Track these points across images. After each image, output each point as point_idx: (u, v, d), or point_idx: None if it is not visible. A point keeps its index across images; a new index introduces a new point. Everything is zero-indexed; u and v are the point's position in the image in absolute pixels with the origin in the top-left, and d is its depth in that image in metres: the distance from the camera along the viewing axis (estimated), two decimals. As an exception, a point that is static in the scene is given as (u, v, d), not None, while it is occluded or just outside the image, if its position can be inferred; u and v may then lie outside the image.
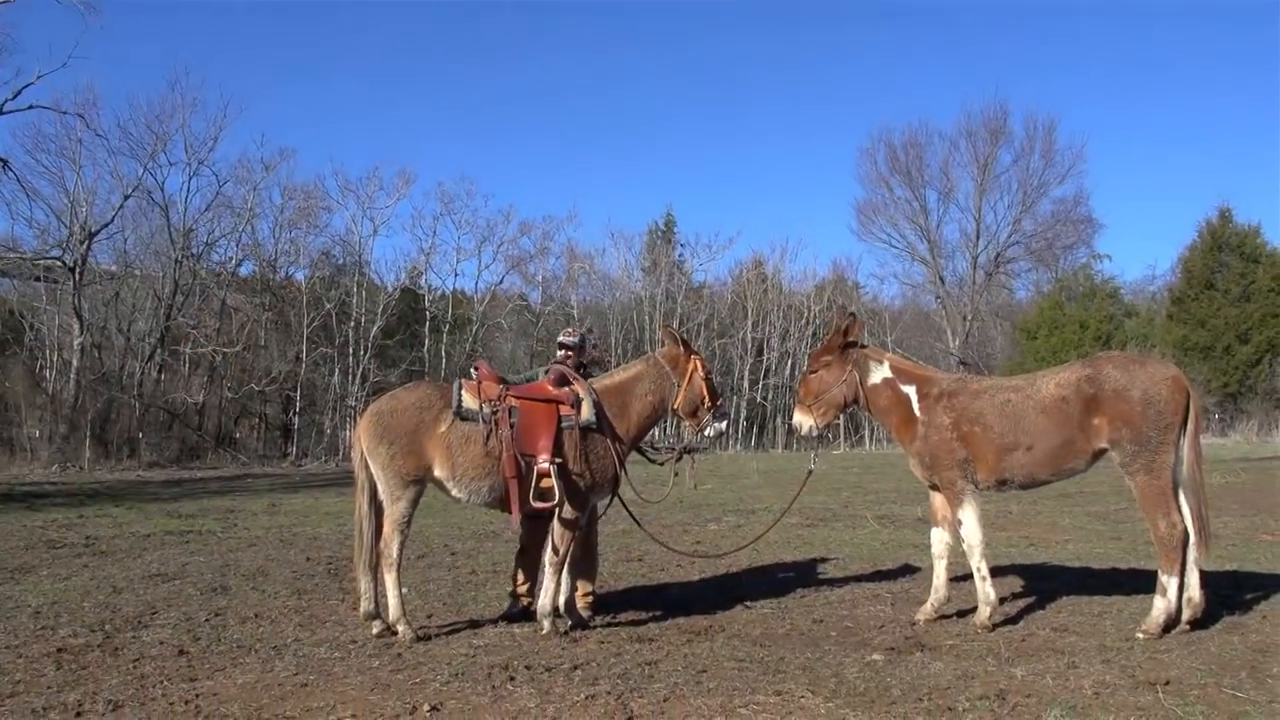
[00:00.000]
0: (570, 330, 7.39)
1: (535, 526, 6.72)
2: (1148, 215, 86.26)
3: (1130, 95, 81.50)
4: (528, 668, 5.41)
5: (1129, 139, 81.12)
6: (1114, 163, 78.51)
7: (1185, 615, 6.07)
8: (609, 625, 6.62)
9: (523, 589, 6.98)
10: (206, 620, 6.79)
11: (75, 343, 29.94)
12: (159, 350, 32.50)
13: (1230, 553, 9.22)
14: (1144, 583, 6.84)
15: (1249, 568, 8.40)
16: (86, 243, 30.66)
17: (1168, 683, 4.96)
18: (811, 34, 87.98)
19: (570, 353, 7.07)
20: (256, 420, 37.74)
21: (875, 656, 5.61)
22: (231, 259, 36.78)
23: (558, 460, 6.23)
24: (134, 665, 5.54)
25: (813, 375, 6.93)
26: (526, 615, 6.81)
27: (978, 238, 48.81)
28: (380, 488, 6.24)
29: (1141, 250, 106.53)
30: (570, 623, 6.44)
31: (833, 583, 8.14)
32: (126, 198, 32.19)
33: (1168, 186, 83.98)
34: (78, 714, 4.66)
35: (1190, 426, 6.14)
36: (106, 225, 31.92)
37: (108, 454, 27.92)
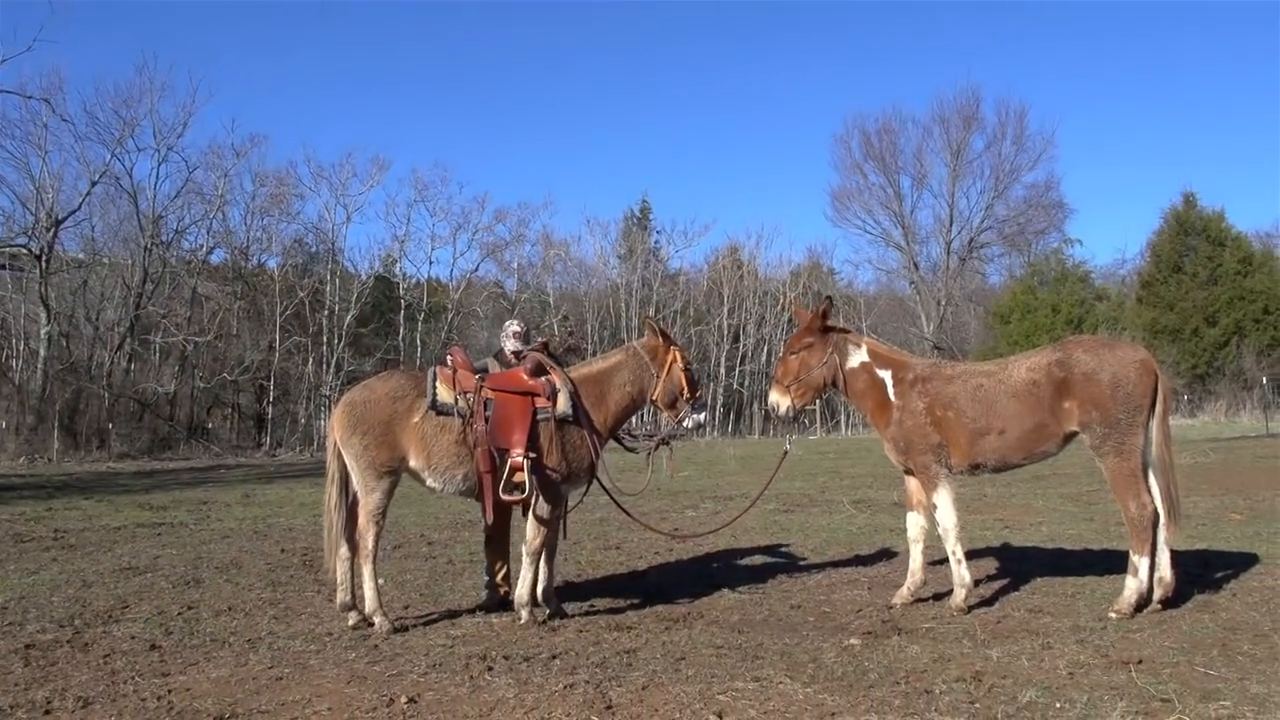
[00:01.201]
0: (516, 330, 7.28)
1: (499, 514, 6.67)
2: (1117, 200, 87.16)
3: (1098, 83, 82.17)
4: (506, 658, 5.39)
5: (1097, 125, 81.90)
6: (1083, 149, 79.24)
7: (1157, 595, 6.13)
8: (587, 614, 6.60)
9: (502, 577, 6.96)
10: (179, 614, 6.71)
11: (42, 332, 29.55)
12: (128, 339, 32.12)
13: (1200, 532, 9.33)
14: (1116, 563, 6.90)
15: (1219, 547, 8.50)
16: (53, 230, 30.23)
17: (1140, 662, 5.01)
18: (786, 21, 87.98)
19: (517, 354, 6.99)
20: (229, 410, 37.45)
21: (853, 641, 5.63)
22: (202, 246, 36.47)
23: (532, 454, 6.19)
24: (104, 661, 5.47)
25: (793, 356, 6.92)
26: (504, 605, 6.80)
27: (951, 223, 49.09)
28: (355, 479, 6.18)
29: (1111, 235, 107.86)
30: (548, 612, 6.42)
31: (810, 568, 8.16)
32: (94, 184, 31.79)
33: (1135, 172, 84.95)
34: (46, 711, 4.59)
35: (1159, 409, 6.20)
36: (74, 212, 31.53)
37: (77, 445, 27.62)
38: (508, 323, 7.40)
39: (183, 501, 14.82)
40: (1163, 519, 6.12)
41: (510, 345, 7.07)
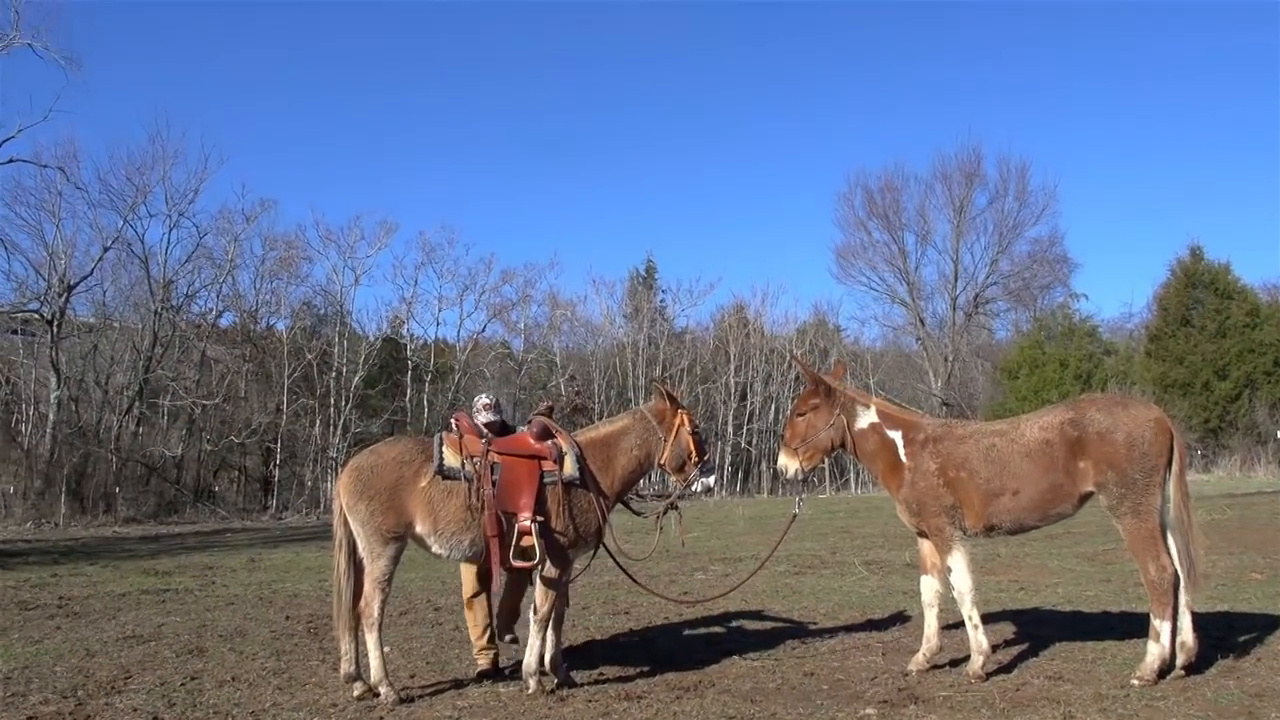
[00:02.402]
0: (487, 402, 7.15)
1: (487, 578, 6.58)
2: (1121, 254, 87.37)
3: (1100, 136, 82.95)
4: (513, 729, 5.27)
5: (1100, 179, 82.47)
6: (1086, 203, 79.70)
7: (1180, 660, 6.00)
8: (596, 682, 6.48)
9: (483, 645, 6.89)
10: (182, 684, 6.60)
11: (52, 396, 29.61)
12: (137, 403, 32.18)
13: (1221, 593, 9.16)
14: (1136, 626, 6.77)
15: (1241, 608, 8.35)
16: (65, 295, 30.47)
17: (1166, 732, 4.88)
18: (788, 79, 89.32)
19: (491, 426, 6.91)
20: (236, 473, 37.34)
21: (869, 710, 5.51)
22: (212, 310, 36.66)
23: (539, 518, 6.13)
24: (106, 735, 5.37)
25: (800, 418, 6.88)
26: (499, 671, 6.73)
27: (956, 279, 49.22)
28: (360, 545, 6.11)
29: (1117, 288, 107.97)
30: (556, 680, 6.30)
31: (823, 633, 8.02)
32: (106, 250, 32.11)
33: (1139, 225, 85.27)
34: (45, 790, 4.49)
35: (1175, 467, 6.12)
36: (85, 278, 31.80)
37: (83, 509, 27.50)
38: (477, 397, 7.33)
39: (188, 567, 14.69)
40: (1182, 580, 6.01)
41: (483, 418, 6.98)
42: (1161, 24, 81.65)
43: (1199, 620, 6.23)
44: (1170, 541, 6.09)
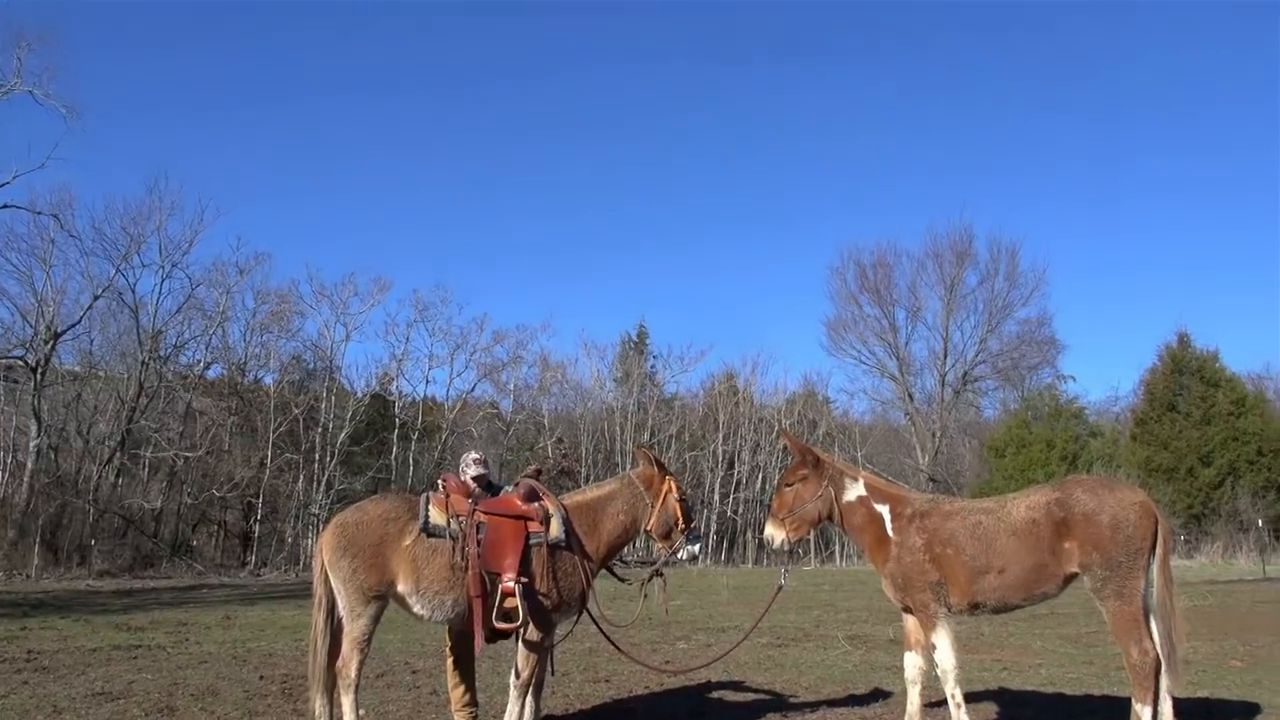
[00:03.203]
0: (476, 458, 7.29)
1: (468, 640, 6.52)
2: (1109, 338, 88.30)
3: (1090, 221, 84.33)
4: (488, 797, 5.18)
5: (1090, 264, 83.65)
6: (1076, 286, 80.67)
7: (1161, 745, 5.95)
8: (573, 751, 6.38)
9: (463, 703, 6.82)
10: (151, 743, 6.48)
11: (31, 444, 29.36)
12: (118, 454, 31.92)
13: (1201, 679, 9.11)
14: (1118, 710, 6.72)
15: (1221, 694, 8.30)
16: (51, 343, 30.41)
17: (1148, 819, 4.83)
18: (783, 154, 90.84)
19: (480, 482, 6.97)
20: (215, 527, 36.95)
21: (848, 788, 5.44)
22: (200, 361, 36.64)
23: (523, 579, 6.10)
24: (71, 792, 5.25)
25: (788, 489, 6.89)
26: None
27: (945, 356, 49.61)
28: (340, 603, 6.05)
29: (1104, 372, 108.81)
30: (534, 748, 6.20)
31: (804, 706, 7.93)
32: (96, 298, 32.16)
33: (1127, 311, 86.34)
34: (7, 846, 4.38)
35: (1160, 551, 6.13)
36: (74, 326, 31.81)
37: (57, 561, 27.11)
38: (467, 454, 7.37)
39: (162, 623, 14.46)
40: (1164, 665, 5.99)
41: (472, 471, 7.01)
42: (1155, 113, 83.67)
43: (1179, 705, 6.19)
44: (1153, 625, 6.08)
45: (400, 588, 6.07)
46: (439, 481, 6.67)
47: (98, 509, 29.66)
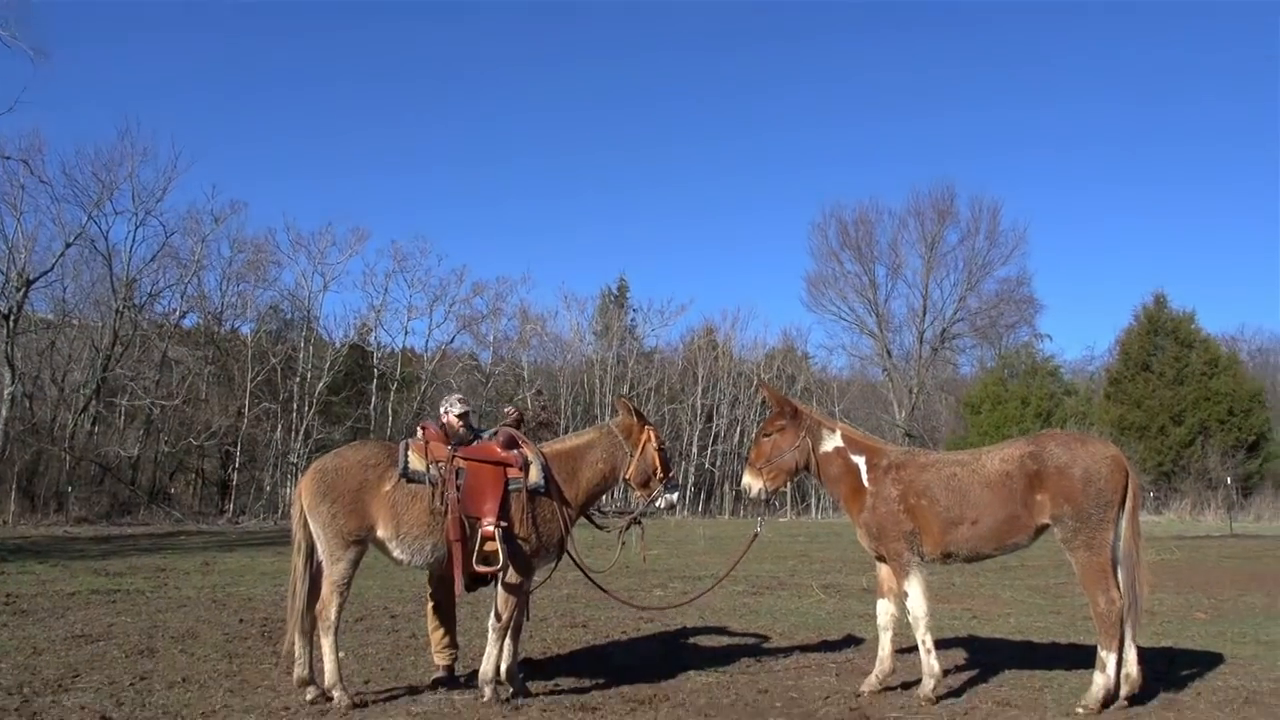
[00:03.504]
0: (461, 397, 7.31)
1: (449, 585, 6.59)
2: (1086, 298, 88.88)
3: (1070, 183, 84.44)
4: (466, 737, 5.27)
5: (1069, 225, 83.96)
6: (1055, 247, 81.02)
7: (1123, 691, 6.11)
8: (551, 693, 6.49)
9: (442, 644, 6.90)
10: (131, 684, 6.53)
11: (5, 392, 29.05)
12: (94, 402, 31.68)
13: (1166, 630, 9.34)
14: (1083, 657, 6.89)
15: (1184, 645, 8.50)
16: (24, 290, 29.97)
17: (1108, 759, 4.98)
18: (767, 108, 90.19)
19: (464, 421, 7.01)
20: (193, 475, 36.85)
21: (820, 729, 5.57)
22: (175, 311, 36.23)
23: (503, 524, 6.16)
24: (52, 730, 5.31)
25: (766, 439, 6.96)
26: (454, 679, 6.75)
27: (924, 313, 49.83)
28: (320, 548, 6.10)
29: (1080, 331, 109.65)
30: (512, 690, 6.30)
31: (778, 652, 8.08)
32: (68, 245, 31.63)
33: (1105, 271, 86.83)
34: (-10, 781, 4.43)
35: (1129, 505, 6.26)
36: (46, 273, 31.30)
37: (34, 508, 27.00)
38: (450, 395, 7.40)
39: (140, 568, 14.49)
40: (1127, 615, 6.14)
41: (456, 410, 7.04)
42: (1140, 80, 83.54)
43: (1144, 654, 6.35)
44: (1120, 576, 6.22)
45: (380, 533, 6.12)
46: (418, 429, 6.69)
47: (74, 457, 29.52)
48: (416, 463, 6.21)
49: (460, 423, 6.97)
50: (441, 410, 7.15)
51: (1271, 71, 74.37)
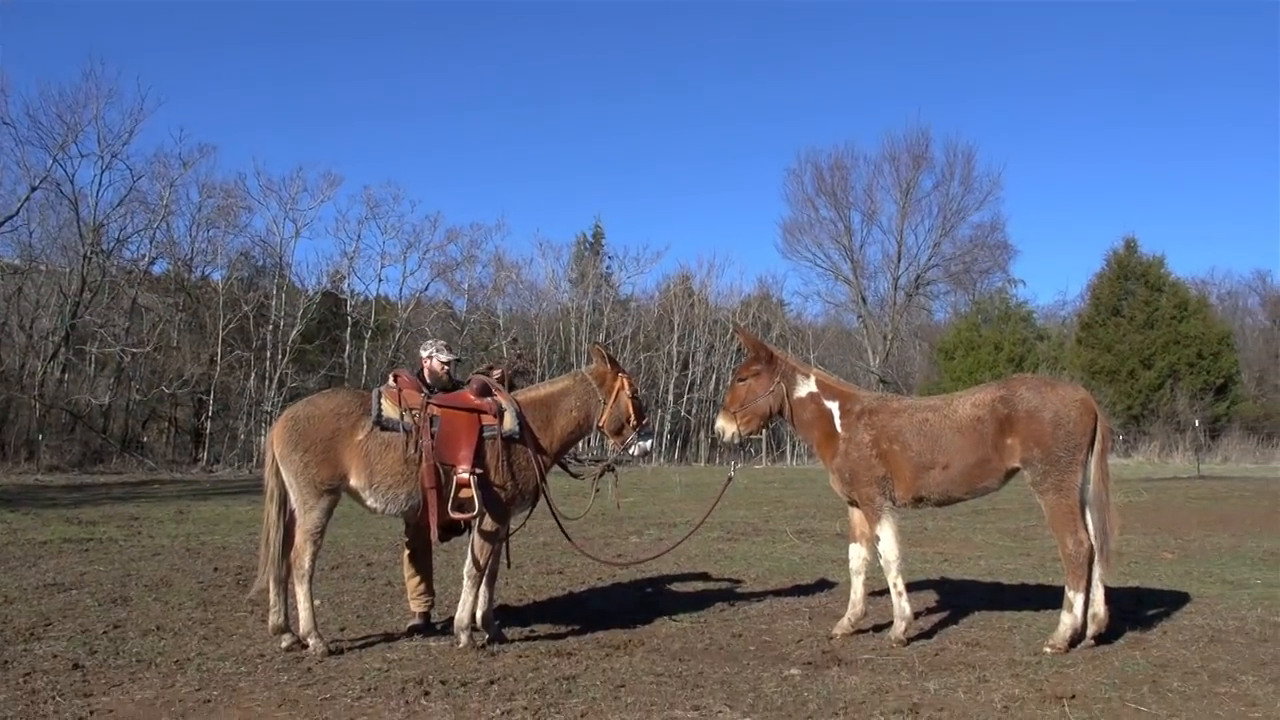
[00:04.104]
0: (444, 342, 7.25)
1: (426, 533, 6.59)
2: (1059, 243, 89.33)
3: (1045, 129, 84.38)
4: (443, 682, 5.30)
5: (1043, 170, 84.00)
6: (1029, 192, 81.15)
7: (1090, 630, 6.22)
8: (527, 639, 6.53)
9: (418, 592, 6.91)
10: (104, 633, 6.51)
11: (-28, 339, 28.65)
12: (63, 349, 31.29)
13: (1133, 570, 9.51)
14: (1052, 598, 7.00)
15: (1151, 585, 8.67)
16: (-12, 235, 29.41)
17: (1073, 696, 5.07)
18: (743, 54, 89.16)
19: (448, 366, 6.96)
20: (166, 424, 36.62)
21: (793, 671, 5.64)
22: (144, 256, 35.66)
23: (478, 470, 6.14)
24: (24, 680, 5.28)
25: (740, 383, 6.95)
26: (430, 626, 6.76)
27: (899, 259, 49.84)
28: (293, 496, 6.06)
29: (1053, 277, 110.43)
30: (487, 636, 6.34)
31: (752, 597, 8.16)
32: (34, 189, 31.00)
33: (1078, 216, 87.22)
34: (-39, 731, 4.41)
35: (1098, 447, 6.32)
36: (11, 217, 30.69)
37: (4, 456, 26.79)
38: (435, 340, 7.33)
39: (113, 517, 14.42)
40: (1096, 555, 6.22)
41: (444, 356, 6.98)
42: (1114, 31, 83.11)
43: (1111, 594, 6.45)
44: (1088, 518, 6.30)
45: (353, 482, 6.09)
46: (391, 376, 6.63)
47: (44, 404, 29.21)
48: (390, 410, 6.16)
49: (444, 369, 6.92)
50: (424, 354, 7.08)
51: (1243, 14, 74.30)
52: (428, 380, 6.77)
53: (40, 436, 28.02)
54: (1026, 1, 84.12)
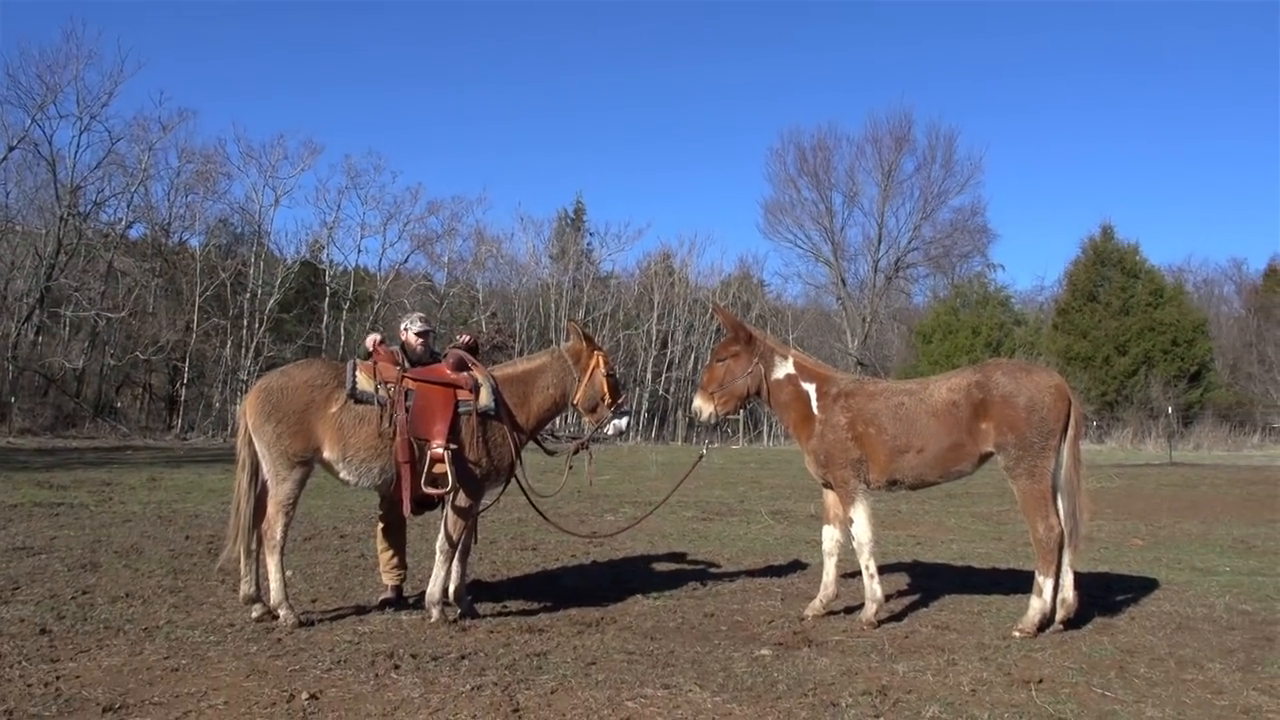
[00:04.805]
0: (422, 315, 7.20)
1: (399, 507, 6.56)
2: (1038, 228, 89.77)
3: (1025, 115, 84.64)
4: (413, 656, 5.29)
5: (1023, 155, 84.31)
6: (1009, 176, 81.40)
7: (1059, 615, 6.28)
8: (499, 615, 6.52)
9: (391, 565, 6.88)
10: (73, 598, 6.47)
11: (-56, 299, 28.27)
12: (37, 311, 30.95)
13: (1103, 555, 9.59)
14: (1022, 582, 7.06)
15: (1120, 571, 8.75)
16: (-38, 195, 28.97)
17: (1041, 681, 5.12)
18: (727, 34, 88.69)
19: (424, 340, 6.91)
20: (140, 390, 36.34)
21: (764, 651, 5.66)
22: (121, 220, 35.29)
23: (453, 445, 6.11)
24: (-10, 645, 5.23)
25: (719, 363, 6.94)
26: (402, 599, 6.75)
27: (880, 242, 49.93)
28: (265, 467, 6.01)
29: (1031, 262, 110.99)
30: (459, 611, 6.33)
31: (725, 577, 8.19)
32: (11, 149, 30.63)
33: (1057, 202, 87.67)
34: (-77, 697, 4.36)
35: (1071, 433, 6.35)
36: (-14, 177, 30.27)
37: (-24, 419, 26.52)
38: (411, 314, 7.28)
39: (85, 482, 14.30)
40: (1066, 540, 6.27)
41: (416, 328, 6.92)
42: (1098, 13, 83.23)
43: (1080, 579, 6.51)
44: (1059, 503, 6.34)
45: (326, 454, 6.05)
46: (370, 342, 6.58)
47: (17, 367, 28.91)
48: (365, 383, 6.11)
49: (419, 340, 6.87)
50: (401, 328, 7.04)
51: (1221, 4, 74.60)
52: (405, 354, 6.71)
53: (13, 399, 27.75)
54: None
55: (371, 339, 6.66)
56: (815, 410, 6.69)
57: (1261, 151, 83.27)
